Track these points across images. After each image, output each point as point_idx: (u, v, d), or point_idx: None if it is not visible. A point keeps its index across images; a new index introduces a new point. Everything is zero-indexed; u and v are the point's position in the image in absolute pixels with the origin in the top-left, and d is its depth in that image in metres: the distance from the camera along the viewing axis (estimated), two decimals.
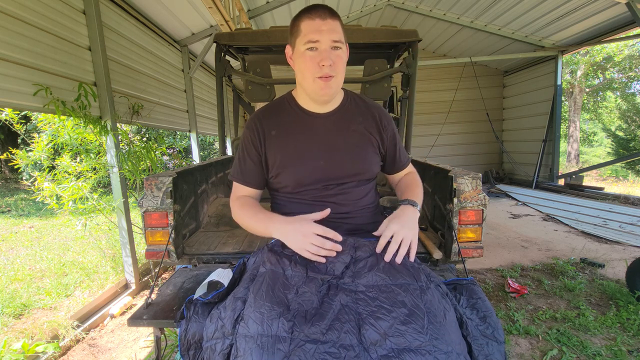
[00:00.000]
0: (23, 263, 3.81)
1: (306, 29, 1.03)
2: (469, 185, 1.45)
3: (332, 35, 1.02)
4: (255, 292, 0.91)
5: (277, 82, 2.48)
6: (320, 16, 1.02)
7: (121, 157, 2.82)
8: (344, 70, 1.11)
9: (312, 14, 1.03)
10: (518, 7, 6.03)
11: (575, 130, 15.42)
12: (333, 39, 1.03)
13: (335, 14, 1.05)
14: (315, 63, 1.03)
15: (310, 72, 1.05)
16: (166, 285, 1.40)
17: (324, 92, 1.09)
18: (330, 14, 1.03)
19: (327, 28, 1.02)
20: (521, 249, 3.82)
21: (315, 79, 1.06)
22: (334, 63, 1.04)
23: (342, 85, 1.15)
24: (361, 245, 1.04)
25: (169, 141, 9.64)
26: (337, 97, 1.22)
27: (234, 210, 1.21)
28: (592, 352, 1.97)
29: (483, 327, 0.94)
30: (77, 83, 2.52)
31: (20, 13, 2.11)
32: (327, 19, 1.02)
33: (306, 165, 1.16)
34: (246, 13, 4.23)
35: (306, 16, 1.04)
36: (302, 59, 1.06)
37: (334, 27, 1.03)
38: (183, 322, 1.01)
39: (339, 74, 1.08)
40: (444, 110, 8.92)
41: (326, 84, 1.06)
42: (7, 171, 10.72)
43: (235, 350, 0.83)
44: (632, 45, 13.71)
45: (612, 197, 6.03)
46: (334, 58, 1.04)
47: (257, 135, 1.19)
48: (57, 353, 2.10)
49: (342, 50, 1.06)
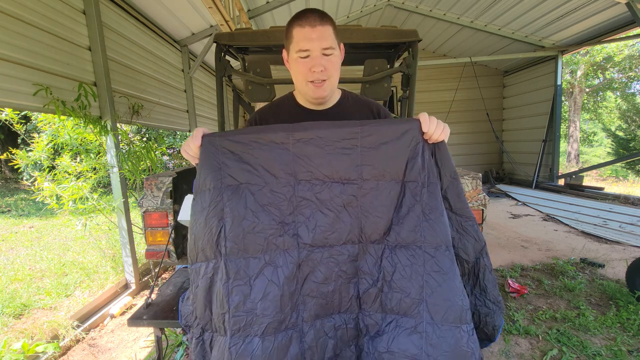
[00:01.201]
0: (23, 263, 3.81)
1: (297, 36, 1.04)
2: (469, 185, 1.45)
3: (322, 42, 1.03)
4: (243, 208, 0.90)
5: (277, 82, 2.48)
6: (310, 24, 1.03)
7: (121, 157, 2.82)
8: (338, 72, 1.12)
9: (302, 21, 1.04)
10: (518, 7, 6.03)
11: (575, 130, 15.42)
12: (323, 47, 1.04)
13: (326, 18, 1.05)
14: (307, 69, 1.06)
15: (302, 76, 1.09)
16: (166, 285, 1.41)
17: (317, 95, 1.12)
18: (320, 21, 1.03)
19: (317, 36, 1.02)
20: (521, 249, 3.82)
21: (308, 82, 1.09)
22: (326, 68, 1.06)
23: (336, 85, 1.18)
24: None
25: (169, 141, 9.63)
26: (335, 96, 1.25)
27: None
28: (592, 352, 1.97)
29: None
30: (77, 83, 2.52)
31: (20, 13, 2.11)
32: (317, 27, 1.03)
33: None
34: (246, 13, 4.23)
35: (297, 23, 1.05)
36: (295, 64, 1.09)
37: (323, 34, 1.03)
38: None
39: (332, 76, 1.10)
40: (444, 110, 8.92)
41: (319, 88, 1.10)
42: (7, 171, 10.72)
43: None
44: (632, 45, 13.71)
45: (612, 197, 6.03)
46: (325, 63, 1.05)
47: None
48: (57, 353, 2.10)
49: (334, 54, 1.07)
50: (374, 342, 0.91)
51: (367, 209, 0.91)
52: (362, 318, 0.93)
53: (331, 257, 0.91)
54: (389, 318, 0.91)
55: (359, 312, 0.94)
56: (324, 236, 0.90)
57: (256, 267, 0.87)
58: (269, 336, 0.84)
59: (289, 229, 0.90)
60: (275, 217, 0.90)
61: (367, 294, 0.93)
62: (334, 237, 0.91)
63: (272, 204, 0.90)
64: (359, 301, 0.93)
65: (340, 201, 0.91)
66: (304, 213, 0.91)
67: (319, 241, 0.90)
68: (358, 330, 0.94)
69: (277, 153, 0.90)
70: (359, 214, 0.91)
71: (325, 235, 0.90)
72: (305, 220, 0.91)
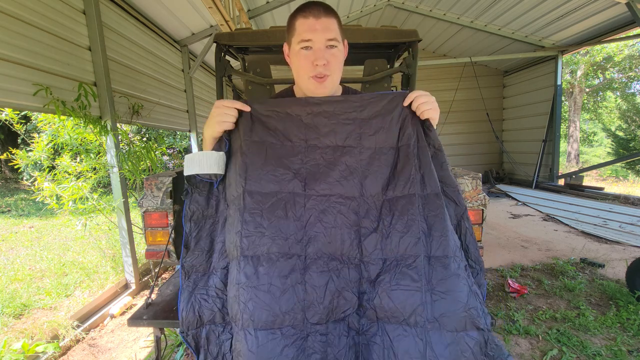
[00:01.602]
0: (23, 263, 3.81)
1: (300, 27, 1.01)
2: (469, 185, 1.45)
3: (327, 33, 1.01)
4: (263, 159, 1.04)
5: (277, 82, 2.48)
6: (315, 15, 1.00)
7: (121, 157, 2.82)
8: (340, 69, 1.10)
9: (306, 12, 1.01)
10: (518, 7, 6.03)
11: (575, 130, 15.43)
12: (327, 38, 1.01)
13: (331, 11, 1.03)
14: (309, 62, 1.03)
15: (304, 70, 1.05)
16: (166, 285, 1.41)
17: (319, 92, 1.09)
18: (325, 12, 1.01)
19: (321, 27, 1.00)
20: (521, 249, 3.82)
21: (310, 78, 1.06)
22: (329, 62, 1.03)
23: (338, 82, 1.14)
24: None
25: (169, 141, 9.63)
26: (337, 92, 1.22)
27: None
28: (592, 352, 1.97)
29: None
30: (77, 83, 2.52)
31: (20, 13, 2.11)
32: (322, 17, 1.00)
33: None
34: (246, 13, 4.23)
35: (301, 15, 1.02)
36: (297, 57, 1.05)
37: (328, 25, 1.01)
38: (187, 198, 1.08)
39: (334, 72, 1.07)
40: (444, 110, 8.85)
41: (320, 84, 1.06)
42: (7, 171, 10.73)
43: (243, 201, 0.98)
44: (632, 45, 13.71)
45: (612, 197, 6.03)
46: (328, 57, 1.02)
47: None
48: (57, 353, 2.10)
49: (338, 48, 1.04)
50: (375, 283, 0.98)
51: (366, 170, 1.06)
52: (364, 266, 1.00)
53: (335, 204, 1.03)
54: (389, 260, 0.99)
55: (361, 259, 1.01)
56: (329, 187, 1.04)
57: (269, 201, 1.00)
58: (274, 257, 0.95)
59: (299, 177, 1.04)
60: (288, 167, 1.05)
61: (368, 240, 1.01)
62: (338, 190, 1.04)
63: (286, 158, 1.06)
64: (360, 248, 1.01)
65: (343, 162, 1.06)
66: (312, 168, 1.06)
67: (324, 190, 1.03)
68: (360, 274, 0.99)
69: (292, 122, 1.08)
70: (360, 174, 1.06)
71: (330, 187, 1.04)
72: (313, 173, 1.05)
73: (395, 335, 0.91)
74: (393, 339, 0.91)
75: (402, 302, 0.92)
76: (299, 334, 0.91)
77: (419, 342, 0.89)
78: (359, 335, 0.96)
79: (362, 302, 0.97)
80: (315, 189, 1.03)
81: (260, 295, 0.90)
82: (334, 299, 0.95)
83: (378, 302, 0.94)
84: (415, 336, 0.90)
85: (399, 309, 0.92)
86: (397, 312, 0.92)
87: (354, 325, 0.96)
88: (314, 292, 0.94)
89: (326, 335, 0.93)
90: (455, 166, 1.53)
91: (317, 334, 0.92)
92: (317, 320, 0.93)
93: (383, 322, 0.94)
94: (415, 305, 0.91)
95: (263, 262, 0.94)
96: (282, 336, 0.89)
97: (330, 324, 0.94)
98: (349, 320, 0.96)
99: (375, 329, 0.95)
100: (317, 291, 0.95)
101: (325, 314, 0.93)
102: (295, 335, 0.91)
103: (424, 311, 0.90)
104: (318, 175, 1.05)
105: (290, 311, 0.91)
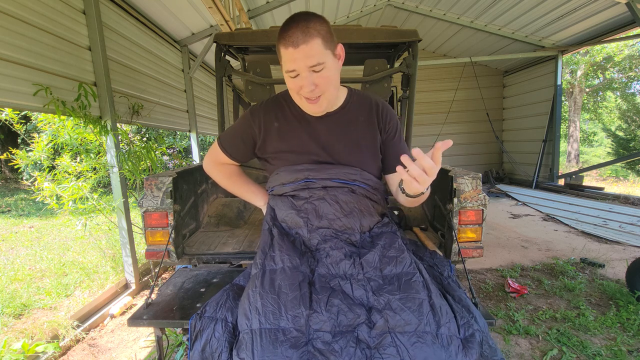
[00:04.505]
0: (23, 263, 3.81)
1: (283, 56, 1.00)
2: (469, 185, 1.45)
3: (308, 61, 0.96)
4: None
5: (277, 82, 2.48)
6: (293, 44, 0.95)
7: (121, 157, 2.82)
8: (334, 82, 1.06)
9: (286, 40, 0.96)
10: (518, 7, 6.02)
11: (575, 130, 15.42)
12: (309, 65, 0.97)
13: (311, 32, 0.95)
14: (298, 87, 1.03)
15: (295, 92, 1.07)
16: (166, 285, 1.40)
17: (313, 111, 1.11)
18: (303, 37, 0.94)
19: (302, 55, 0.95)
20: (521, 249, 3.82)
21: (302, 97, 1.07)
22: (317, 85, 1.01)
23: (335, 94, 1.13)
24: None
25: (169, 141, 9.62)
26: (340, 96, 1.22)
27: (218, 175, 1.37)
28: (592, 352, 1.97)
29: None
30: (77, 83, 2.52)
31: (20, 13, 2.10)
32: (300, 45, 0.94)
33: (302, 157, 1.21)
34: (246, 13, 4.23)
35: (281, 43, 0.98)
36: (287, 81, 1.06)
37: (307, 52, 0.95)
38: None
39: (327, 90, 1.05)
40: (444, 110, 8.91)
41: (313, 104, 1.07)
42: (7, 171, 10.72)
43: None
44: (632, 45, 13.70)
45: (612, 197, 6.03)
46: (315, 80, 1.00)
47: (258, 125, 1.23)
48: (57, 353, 2.10)
49: (326, 67, 1.00)
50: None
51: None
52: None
53: (338, 177, 1.18)
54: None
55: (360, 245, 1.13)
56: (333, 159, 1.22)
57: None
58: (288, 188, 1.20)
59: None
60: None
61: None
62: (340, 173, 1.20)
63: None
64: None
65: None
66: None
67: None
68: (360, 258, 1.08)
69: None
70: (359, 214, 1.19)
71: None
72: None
73: (411, 344, 0.86)
74: (409, 347, 0.86)
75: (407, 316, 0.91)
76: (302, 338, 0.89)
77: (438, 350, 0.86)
78: (370, 349, 0.89)
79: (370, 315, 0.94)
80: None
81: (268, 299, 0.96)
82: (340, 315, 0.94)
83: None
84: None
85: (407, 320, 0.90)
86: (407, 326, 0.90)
87: (364, 337, 0.90)
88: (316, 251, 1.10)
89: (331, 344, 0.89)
90: (455, 166, 1.53)
91: (319, 340, 0.89)
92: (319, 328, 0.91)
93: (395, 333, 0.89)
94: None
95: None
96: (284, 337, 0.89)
97: (337, 335, 0.91)
98: (357, 333, 0.91)
99: (389, 340, 0.88)
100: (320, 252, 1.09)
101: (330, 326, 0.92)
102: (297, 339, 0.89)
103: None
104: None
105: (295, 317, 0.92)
